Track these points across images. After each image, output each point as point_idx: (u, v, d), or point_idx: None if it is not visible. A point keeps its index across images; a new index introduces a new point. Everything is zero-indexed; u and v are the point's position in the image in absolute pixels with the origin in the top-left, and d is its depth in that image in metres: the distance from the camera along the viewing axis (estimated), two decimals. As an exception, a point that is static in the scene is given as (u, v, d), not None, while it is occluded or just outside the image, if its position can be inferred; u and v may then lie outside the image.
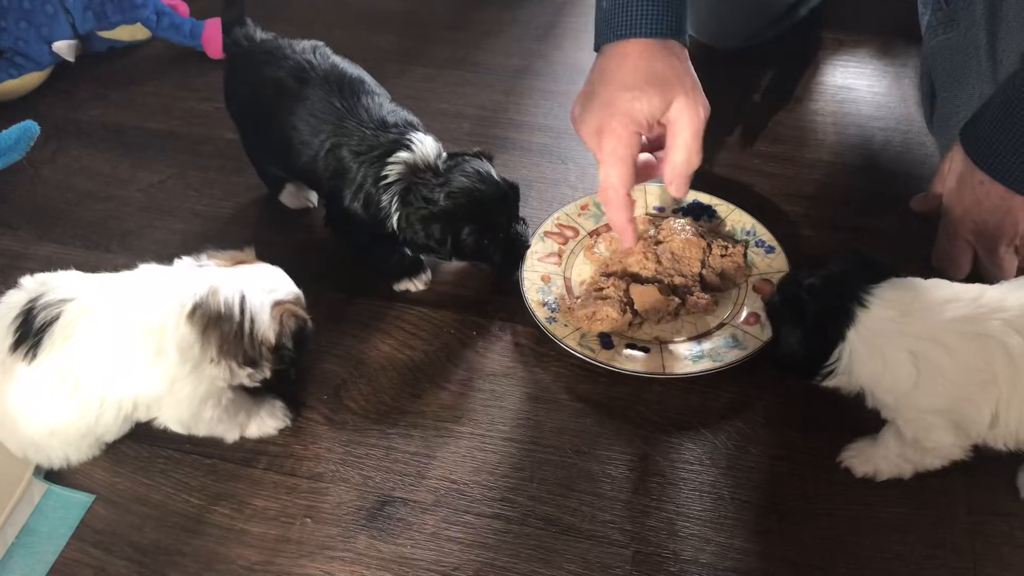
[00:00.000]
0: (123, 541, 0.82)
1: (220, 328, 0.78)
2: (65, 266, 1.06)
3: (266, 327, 0.80)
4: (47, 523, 0.83)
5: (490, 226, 0.96)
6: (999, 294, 0.75)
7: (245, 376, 0.82)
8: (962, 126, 0.94)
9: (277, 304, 0.81)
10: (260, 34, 1.06)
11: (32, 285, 0.81)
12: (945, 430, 0.76)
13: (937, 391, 0.74)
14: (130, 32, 1.45)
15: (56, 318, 0.77)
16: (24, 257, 1.11)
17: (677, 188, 0.91)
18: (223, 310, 0.78)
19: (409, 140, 0.94)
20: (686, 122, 0.87)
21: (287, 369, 0.84)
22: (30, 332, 0.77)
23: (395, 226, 0.94)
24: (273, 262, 0.87)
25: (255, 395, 0.88)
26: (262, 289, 0.81)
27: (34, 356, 0.77)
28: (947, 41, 1.09)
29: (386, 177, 0.93)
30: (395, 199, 0.93)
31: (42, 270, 1.06)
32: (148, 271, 0.83)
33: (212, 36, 1.43)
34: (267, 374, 0.83)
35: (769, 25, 1.38)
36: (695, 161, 0.89)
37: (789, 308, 0.79)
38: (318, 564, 0.79)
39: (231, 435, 0.87)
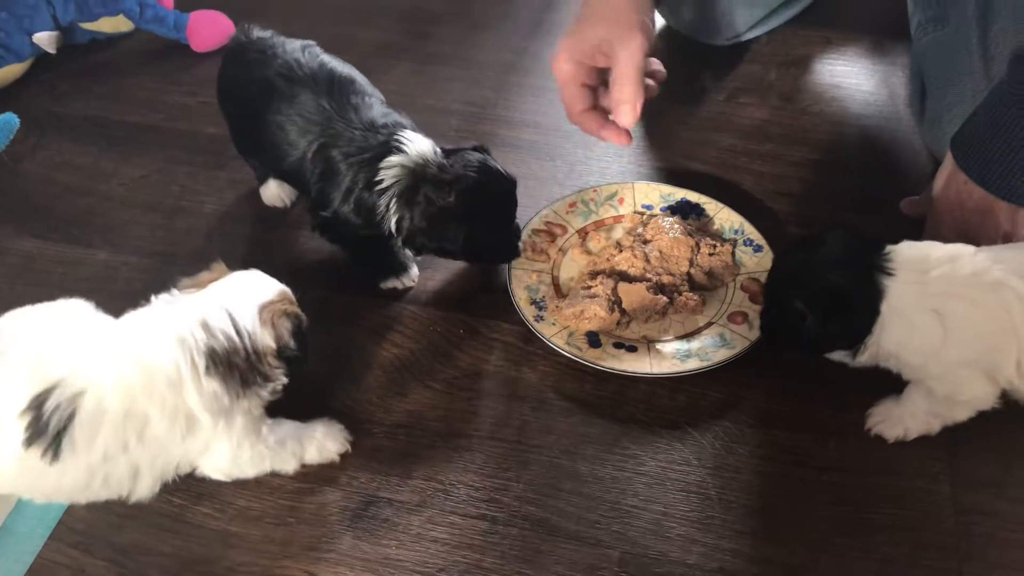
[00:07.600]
0: (102, 541, 0.81)
1: (233, 362, 0.75)
2: (45, 261, 1.07)
3: (260, 334, 0.77)
4: (25, 523, 0.81)
5: (502, 221, 0.96)
6: (993, 252, 0.79)
7: (268, 394, 0.79)
8: (955, 128, 0.94)
9: (263, 307, 0.78)
10: (257, 32, 1.04)
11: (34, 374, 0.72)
12: (977, 380, 0.78)
13: (968, 344, 0.77)
14: (113, 24, 1.43)
15: (72, 416, 0.71)
16: (5, 252, 1.09)
17: (619, 117, 0.99)
18: (226, 343, 0.75)
19: (399, 141, 0.92)
20: (623, 58, 0.96)
21: (298, 368, 0.81)
22: (46, 431, 0.71)
23: (393, 228, 0.93)
24: (256, 258, 0.85)
25: (305, 419, 0.85)
26: (243, 299, 0.78)
27: (56, 456, 0.71)
28: (938, 39, 1.09)
29: (381, 181, 0.91)
30: (393, 201, 0.91)
31: (23, 265, 1.06)
32: (138, 326, 0.77)
33: (197, 29, 1.41)
34: (284, 380, 0.80)
35: (758, 21, 1.38)
36: (628, 93, 0.97)
37: (819, 295, 0.80)
38: (302, 565, 0.79)
39: (288, 466, 0.84)
